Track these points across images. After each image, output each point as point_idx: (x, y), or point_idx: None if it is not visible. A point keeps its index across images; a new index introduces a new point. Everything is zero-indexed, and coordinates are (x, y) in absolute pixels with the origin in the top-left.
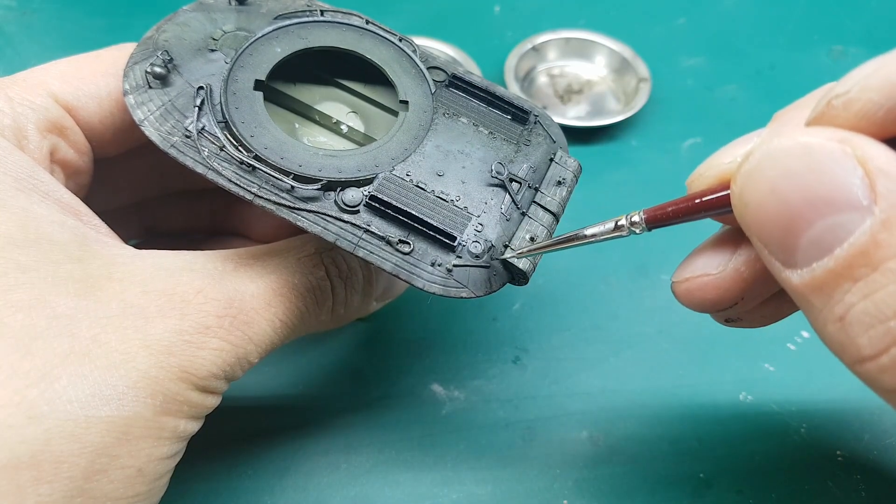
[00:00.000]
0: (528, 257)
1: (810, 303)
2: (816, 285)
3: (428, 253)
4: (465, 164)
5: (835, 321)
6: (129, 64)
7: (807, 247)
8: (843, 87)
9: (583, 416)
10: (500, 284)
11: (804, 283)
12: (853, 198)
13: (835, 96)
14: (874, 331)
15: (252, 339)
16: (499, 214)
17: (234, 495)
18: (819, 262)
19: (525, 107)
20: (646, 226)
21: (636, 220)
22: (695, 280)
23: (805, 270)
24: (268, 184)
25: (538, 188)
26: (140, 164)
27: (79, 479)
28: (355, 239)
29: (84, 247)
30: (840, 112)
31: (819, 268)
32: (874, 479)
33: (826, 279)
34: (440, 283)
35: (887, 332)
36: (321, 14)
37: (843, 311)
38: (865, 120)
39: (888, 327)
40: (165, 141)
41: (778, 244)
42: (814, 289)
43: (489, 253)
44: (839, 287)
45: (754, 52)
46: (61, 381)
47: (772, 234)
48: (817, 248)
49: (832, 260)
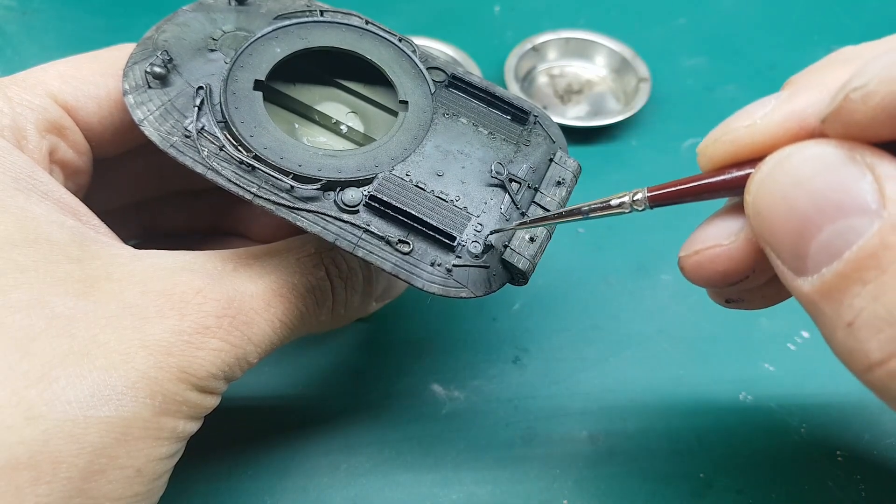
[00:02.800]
0: (527, 257)
1: (821, 310)
2: (826, 290)
3: (427, 253)
4: (464, 165)
5: (844, 327)
6: (128, 64)
7: (817, 252)
8: (861, 80)
9: (583, 416)
10: (499, 284)
11: (814, 289)
12: (862, 202)
13: (852, 90)
14: (883, 334)
15: (251, 339)
16: (498, 214)
17: (234, 495)
18: (829, 267)
19: (525, 107)
20: (648, 204)
21: (639, 199)
22: (705, 252)
23: (815, 276)
24: (267, 184)
25: (538, 188)
26: (139, 164)
27: (77, 479)
28: (355, 239)
29: (83, 247)
30: (859, 106)
31: (828, 272)
32: (874, 479)
33: (835, 283)
34: (440, 283)
35: None
36: (321, 14)
37: (852, 317)
38: (886, 113)
39: None
40: (165, 141)
41: (789, 251)
42: (823, 294)
43: (489, 253)
44: (848, 291)
45: (754, 52)
46: (60, 381)
47: (783, 241)
48: (827, 253)
49: (841, 263)
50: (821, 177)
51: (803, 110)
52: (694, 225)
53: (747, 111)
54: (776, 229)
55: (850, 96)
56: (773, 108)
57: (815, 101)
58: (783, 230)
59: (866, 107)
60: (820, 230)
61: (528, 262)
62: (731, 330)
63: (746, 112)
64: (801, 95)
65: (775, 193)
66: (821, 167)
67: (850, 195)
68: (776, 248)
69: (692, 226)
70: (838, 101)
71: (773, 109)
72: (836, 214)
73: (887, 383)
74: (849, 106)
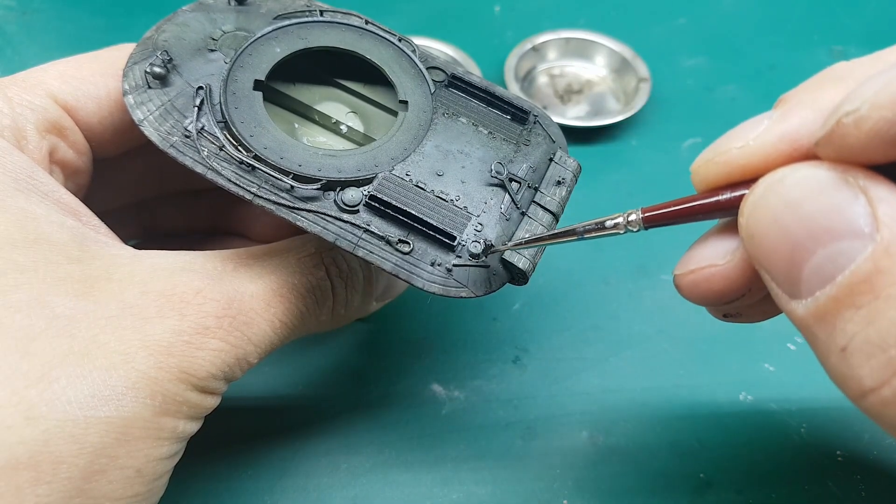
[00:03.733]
0: (527, 257)
1: (815, 334)
2: (819, 315)
3: (427, 252)
4: (464, 164)
5: (837, 352)
6: (128, 64)
7: (810, 276)
8: (852, 105)
9: (583, 416)
10: (499, 284)
11: (808, 312)
12: (855, 225)
13: (844, 114)
14: (876, 360)
15: (251, 339)
16: (498, 214)
17: (234, 495)
18: (822, 291)
19: (525, 107)
20: (643, 225)
21: (633, 220)
22: (700, 272)
23: (809, 300)
24: (267, 183)
25: (538, 188)
26: (140, 164)
27: (77, 479)
28: (355, 239)
29: (83, 247)
30: (851, 130)
31: (822, 296)
32: (874, 479)
33: (828, 307)
34: (440, 283)
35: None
36: (321, 14)
37: (845, 342)
38: (878, 138)
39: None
40: (165, 141)
41: (783, 275)
42: (817, 318)
43: (489, 252)
44: (841, 315)
45: (754, 52)
46: (60, 381)
47: (776, 264)
48: (820, 277)
49: (834, 287)
50: (813, 200)
51: (796, 131)
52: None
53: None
54: (770, 252)
55: (842, 121)
56: (765, 128)
57: (808, 122)
58: (776, 253)
59: (859, 131)
60: (812, 254)
61: (528, 261)
62: (731, 330)
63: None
64: (793, 115)
65: (768, 216)
66: (813, 190)
67: (842, 218)
68: (770, 271)
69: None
70: (830, 125)
71: (765, 130)
72: (828, 238)
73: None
74: (841, 130)
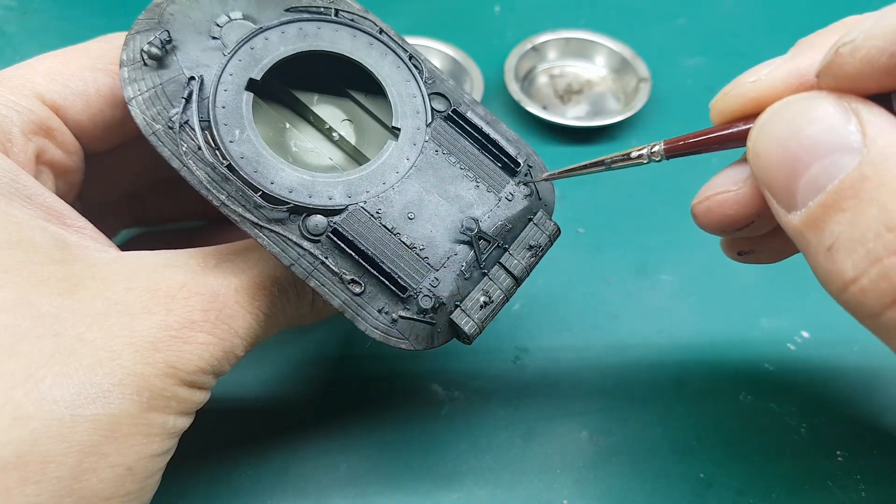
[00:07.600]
0: (475, 321)
1: (807, 240)
2: (811, 221)
3: (378, 298)
4: (438, 212)
5: (824, 252)
6: (131, 32)
7: (805, 187)
8: (850, 36)
9: (583, 416)
10: (442, 341)
11: (801, 221)
12: (847, 141)
13: (842, 45)
14: (856, 254)
15: (238, 332)
16: (458, 271)
17: (234, 495)
18: (814, 200)
19: (518, 157)
20: (665, 155)
21: (656, 150)
22: (714, 198)
23: (803, 210)
24: (237, 194)
25: (507, 248)
26: (133, 154)
27: (67, 478)
28: (310, 268)
29: (65, 250)
30: (847, 59)
31: (814, 204)
32: (874, 479)
33: (819, 213)
34: (382, 331)
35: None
36: (335, 14)
37: (832, 241)
38: (870, 65)
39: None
40: (148, 127)
41: (781, 189)
42: (809, 225)
43: (437, 311)
44: (830, 219)
45: (754, 52)
46: (46, 381)
47: (776, 180)
48: (813, 187)
49: (824, 195)
50: (811, 121)
51: (804, 68)
52: (693, 225)
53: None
54: (771, 169)
55: (839, 51)
56: (776, 66)
57: (816, 61)
58: (776, 170)
59: (853, 59)
60: (808, 167)
61: (475, 325)
62: (731, 330)
63: (754, 70)
64: (803, 55)
65: (772, 137)
66: (812, 112)
67: (835, 136)
68: (771, 188)
69: (692, 226)
70: (830, 56)
71: (776, 67)
72: (823, 153)
73: (860, 299)
74: (838, 60)
